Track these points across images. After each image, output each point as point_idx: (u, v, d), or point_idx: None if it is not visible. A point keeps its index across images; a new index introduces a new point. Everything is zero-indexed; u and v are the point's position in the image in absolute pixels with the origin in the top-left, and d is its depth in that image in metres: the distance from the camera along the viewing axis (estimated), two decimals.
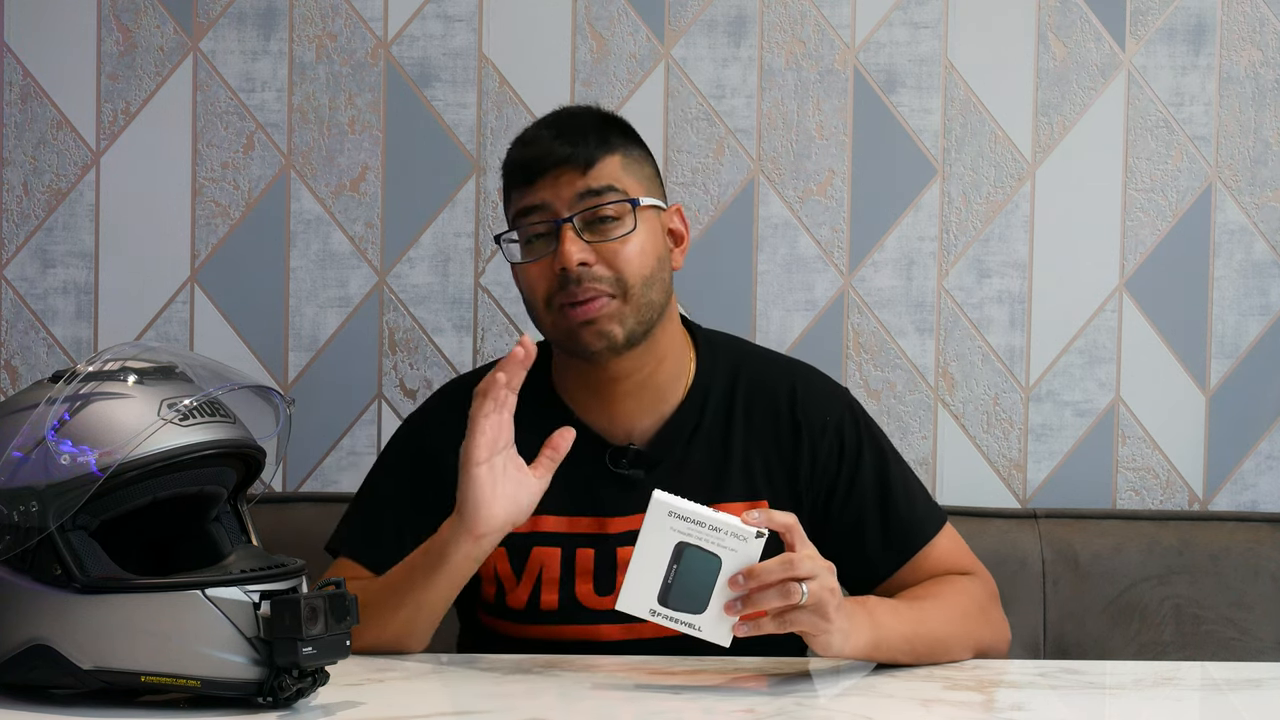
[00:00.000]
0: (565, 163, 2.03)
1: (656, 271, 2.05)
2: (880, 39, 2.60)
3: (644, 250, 2.03)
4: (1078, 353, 2.62)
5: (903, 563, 2.09)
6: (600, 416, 2.09)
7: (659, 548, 1.80)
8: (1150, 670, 2.08)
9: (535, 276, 2.04)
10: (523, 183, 2.05)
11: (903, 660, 1.95)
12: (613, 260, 2.02)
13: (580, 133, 2.05)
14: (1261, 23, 2.61)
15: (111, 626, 1.65)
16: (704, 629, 1.82)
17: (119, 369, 1.71)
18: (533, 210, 2.04)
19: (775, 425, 2.11)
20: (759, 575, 1.79)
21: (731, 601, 1.80)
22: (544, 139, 2.06)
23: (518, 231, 2.05)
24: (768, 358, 2.19)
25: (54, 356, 2.61)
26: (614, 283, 2.01)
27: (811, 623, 1.82)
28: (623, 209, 2.03)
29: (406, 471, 2.11)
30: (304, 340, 2.61)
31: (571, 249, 2.00)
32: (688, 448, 2.10)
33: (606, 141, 2.06)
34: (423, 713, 1.74)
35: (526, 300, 2.08)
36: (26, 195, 2.61)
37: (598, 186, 2.03)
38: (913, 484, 2.15)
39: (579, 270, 2.00)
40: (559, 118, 2.11)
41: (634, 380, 2.08)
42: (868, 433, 2.14)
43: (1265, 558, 2.51)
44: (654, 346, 2.07)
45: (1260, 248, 2.61)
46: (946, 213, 2.61)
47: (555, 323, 2.04)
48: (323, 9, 2.60)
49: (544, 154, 2.04)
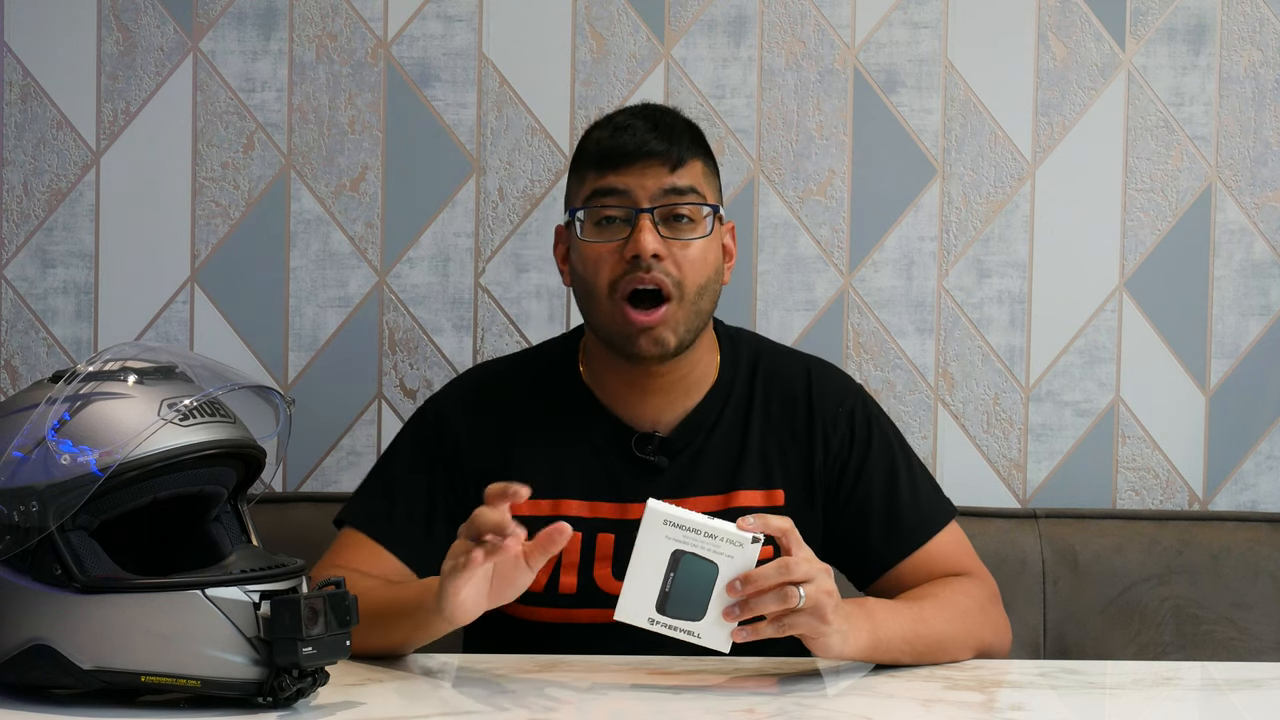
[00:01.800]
0: (656, 156, 2.06)
1: (712, 281, 2.09)
2: (880, 39, 2.60)
3: (706, 258, 2.07)
4: (1078, 353, 2.62)
5: (905, 554, 2.11)
6: (627, 406, 2.13)
7: (656, 556, 1.81)
8: (1150, 670, 2.08)
9: (601, 258, 2.06)
10: (608, 166, 2.07)
11: (903, 660, 1.96)
12: (680, 260, 2.05)
13: (674, 131, 2.09)
14: (1261, 23, 2.61)
15: (111, 626, 1.65)
16: (703, 636, 1.82)
17: (119, 369, 1.71)
18: (612, 193, 2.06)
19: (792, 416, 2.15)
20: (756, 580, 1.80)
21: (729, 607, 1.81)
22: (638, 129, 2.08)
23: (587, 211, 2.07)
24: (785, 352, 2.24)
25: (54, 356, 2.61)
26: (675, 283, 2.05)
27: (810, 626, 1.83)
28: (699, 213, 2.07)
29: (424, 459, 2.13)
30: (304, 340, 2.61)
31: (648, 237, 2.03)
32: (709, 437, 2.13)
33: (695, 146, 2.10)
34: (423, 713, 1.74)
35: (582, 281, 2.09)
36: (26, 195, 2.61)
37: (682, 186, 2.06)
38: (921, 477, 2.17)
39: (651, 260, 2.03)
40: (651, 111, 2.13)
41: (668, 379, 2.12)
42: (878, 422, 2.18)
43: (1265, 558, 2.51)
44: (693, 352, 2.12)
45: (1260, 248, 2.61)
46: (946, 213, 2.61)
47: (613, 315, 2.06)
48: (323, 9, 2.60)
49: (638, 143, 2.06)
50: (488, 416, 2.15)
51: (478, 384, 2.20)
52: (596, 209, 2.07)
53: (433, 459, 2.13)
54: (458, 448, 2.12)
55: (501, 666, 1.94)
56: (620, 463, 2.12)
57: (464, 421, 2.14)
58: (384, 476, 2.16)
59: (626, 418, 2.13)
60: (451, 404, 2.18)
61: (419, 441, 2.16)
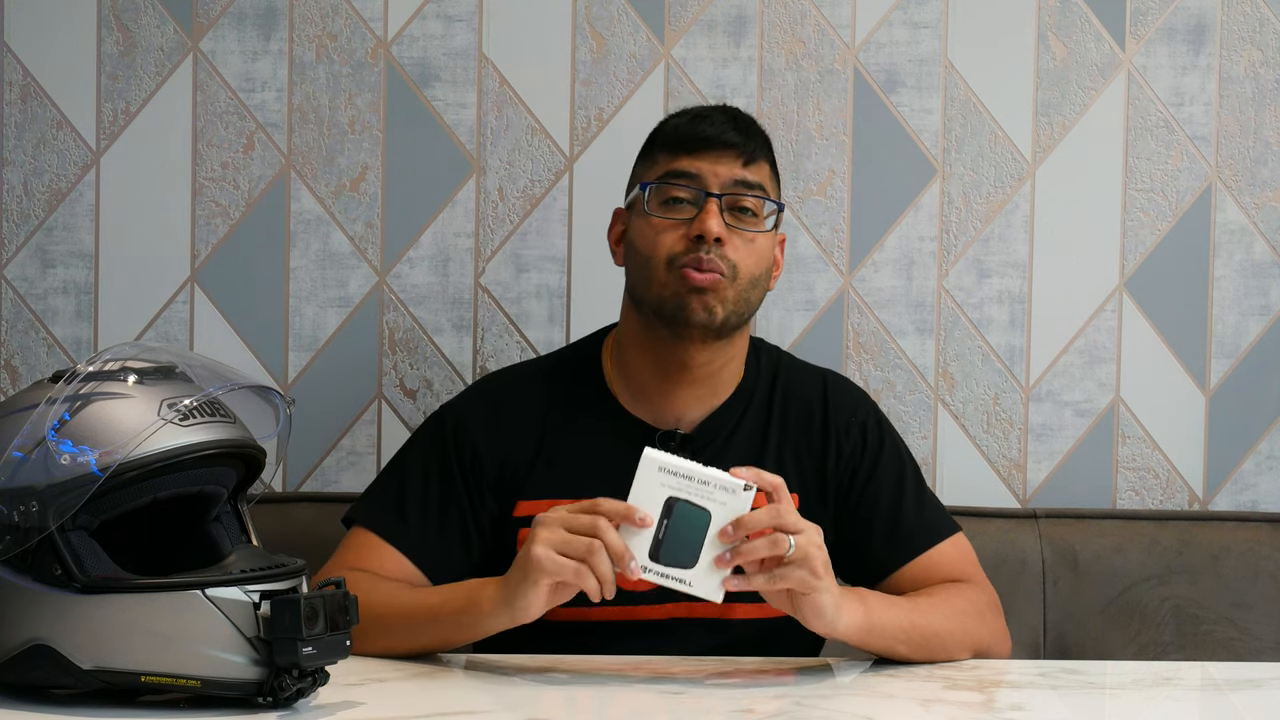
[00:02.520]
0: (733, 147, 2.12)
1: (763, 277, 2.13)
2: (880, 39, 2.60)
3: (762, 253, 2.12)
4: (1078, 353, 2.62)
5: (906, 560, 2.12)
6: (654, 402, 2.16)
7: (650, 503, 1.83)
8: (1150, 670, 2.08)
9: (664, 234, 2.10)
10: (684, 150, 2.12)
11: (899, 650, 1.96)
12: (737, 249, 2.10)
13: (751, 129, 2.15)
14: (1261, 23, 2.61)
15: (111, 626, 1.65)
16: (695, 584, 1.83)
17: (119, 369, 1.71)
18: (684, 176, 2.11)
19: (808, 428, 2.19)
20: (747, 524, 1.83)
21: (722, 554, 1.82)
22: (717, 119, 2.15)
23: (657, 188, 2.12)
24: (803, 366, 2.28)
25: (54, 356, 2.61)
26: (731, 267, 2.09)
27: (800, 579, 1.84)
28: (763, 208, 2.12)
29: (441, 464, 2.15)
30: (304, 340, 2.61)
31: (715, 221, 2.08)
32: (729, 441, 2.16)
33: (766, 149, 2.17)
34: (423, 713, 1.74)
35: (639, 254, 2.13)
36: (26, 195, 2.61)
37: (753, 180, 2.12)
38: (927, 493, 2.21)
39: (713, 244, 2.07)
40: (729, 108, 2.19)
41: (703, 371, 2.15)
42: (890, 436, 2.22)
43: (1265, 558, 2.51)
44: (729, 346, 2.15)
45: (1260, 248, 2.61)
46: (946, 213, 2.61)
47: (668, 282, 2.09)
48: (323, 9, 2.60)
49: (716, 131, 2.12)
50: (506, 421, 2.16)
51: (496, 390, 2.22)
52: (667, 187, 2.12)
53: (450, 466, 2.14)
54: (476, 455, 2.14)
55: (502, 666, 1.94)
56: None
57: (482, 426, 2.15)
58: (398, 479, 2.16)
59: (651, 417, 2.16)
60: (471, 411, 2.19)
61: (437, 446, 2.16)
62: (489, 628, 1.92)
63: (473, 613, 1.92)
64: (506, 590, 1.88)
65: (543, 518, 1.86)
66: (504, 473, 2.13)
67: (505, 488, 2.13)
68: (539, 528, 1.85)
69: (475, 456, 2.14)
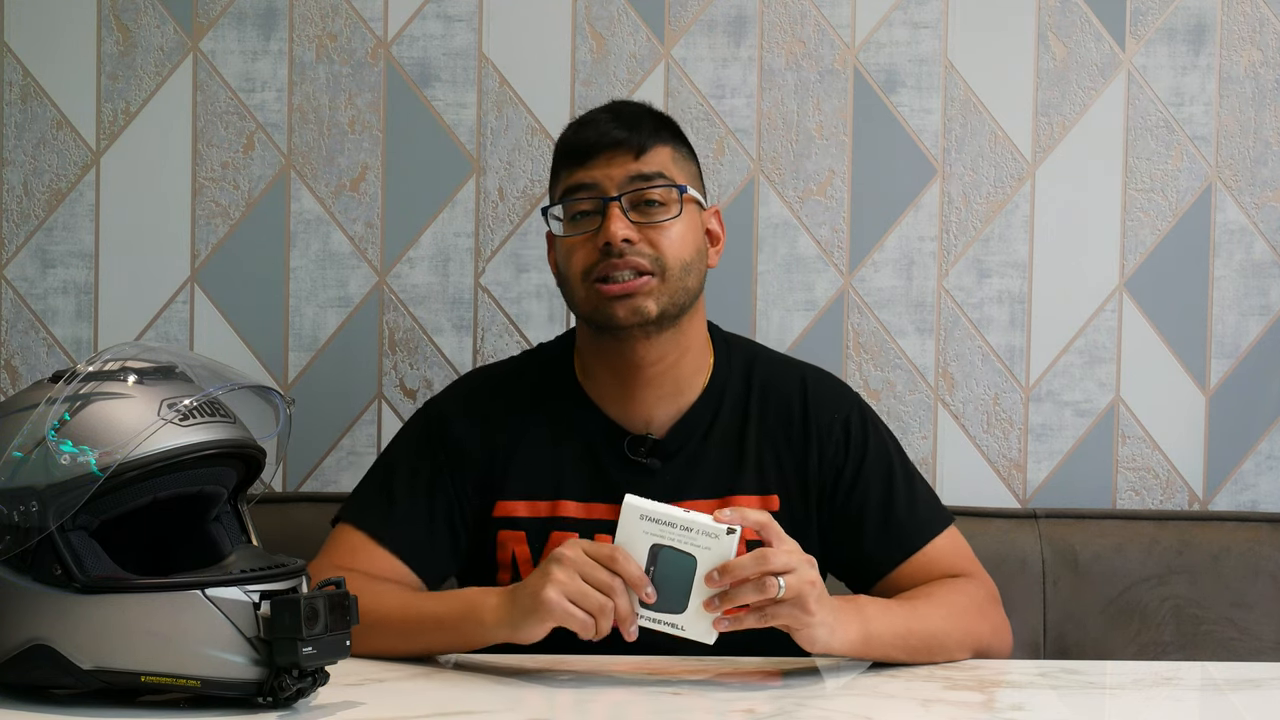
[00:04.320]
0: (619, 146, 2.09)
1: (694, 261, 2.11)
2: (880, 39, 2.60)
3: (684, 238, 2.09)
4: (1078, 353, 2.62)
5: (901, 559, 2.11)
6: (620, 405, 2.14)
7: (635, 551, 1.84)
8: (1150, 670, 2.08)
9: (575, 250, 2.09)
10: (575, 162, 2.11)
11: (898, 657, 1.96)
12: (655, 241, 2.07)
13: (636, 120, 2.12)
14: (1261, 23, 2.61)
15: (111, 626, 1.65)
16: (687, 628, 1.83)
17: (119, 369, 1.71)
18: (582, 188, 2.09)
19: (788, 425, 2.16)
20: (733, 570, 1.82)
21: (710, 599, 1.82)
22: (601, 122, 2.12)
23: (563, 207, 2.10)
24: (781, 360, 2.24)
25: (54, 356, 2.61)
26: (654, 261, 2.07)
27: (792, 616, 1.84)
28: (669, 195, 2.09)
29: (426, 461, 2.14)
30: (304, 340, 2.61)
31: (617, 225, 2.06)
32: (704, 442, 2.14)
33: (659, 133, 2.13)
34: (423, 713, 1.74)
35: (561, 275, 2.12)
36: (26, 195, 2.61)
37: (648, 172, 2.09)
38: (918, 485, 2.18)
39: (622, 245, 2.05)
40: (616, 106, 2.17)
41: (657, 368, 2.12)
42: (875, 431, 2.18)
43: (1265, 558, 2.51)
44: (680, 336, 2.12)
45: (1260, 248, 2.61)
46: (946, 213, 2.61)
47: (588, 297, 2.08)
48: (323, 9, 2.60)
49: (600, 136, 2.10)
50: (488, 419, 2.15)
51: (478, 387, 2.21)
52: (569, 204, 2.10)
53: (435, 461, 2.14)
54: (460, 450, 2.14)
55: (501, 666, 1.94)
56: (615, 464, 2.12)
57: (466, 424, 2.15)
58: (384, 477, 2.16)
59: (619, 418, 2.14)
60: (454, 407, 2.18)
61: (421, 443, 2.16)
62: (489, 640, 1.92)
63: (473, 623, 1.92)
64: (512, 613, 1.88)
65: (560, 555, 1.85)
66: (485, 469, 2.13)
67: (487, 484, 2.13)
68: (555, 566, 1.85)
69: (459, 451, 2.13)
